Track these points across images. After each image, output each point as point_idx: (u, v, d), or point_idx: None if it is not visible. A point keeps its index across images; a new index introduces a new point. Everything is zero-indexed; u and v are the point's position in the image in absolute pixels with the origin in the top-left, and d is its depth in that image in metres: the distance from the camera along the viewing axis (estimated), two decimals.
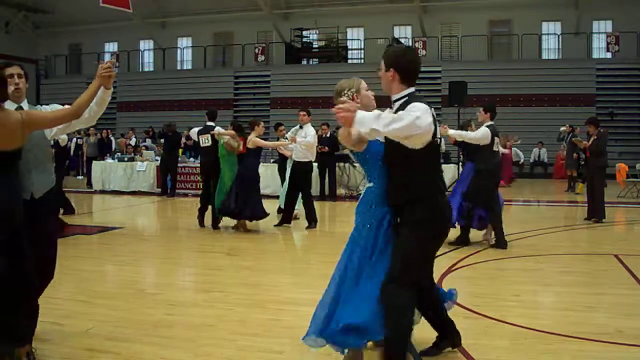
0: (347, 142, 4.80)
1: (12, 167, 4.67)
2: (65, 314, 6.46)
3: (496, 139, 10.34)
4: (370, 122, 4.21)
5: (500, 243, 10.15)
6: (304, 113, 13.17)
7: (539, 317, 6.32)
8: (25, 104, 5.35)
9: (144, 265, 9.71)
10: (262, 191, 12.88)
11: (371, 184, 4.93)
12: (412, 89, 4.84)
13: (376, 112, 4.41)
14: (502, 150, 11.49)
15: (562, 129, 22.85)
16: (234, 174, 12.49)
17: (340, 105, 4.25)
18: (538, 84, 29.91)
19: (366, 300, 4.62)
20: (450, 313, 6.28)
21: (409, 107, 4.45)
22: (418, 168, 4.65)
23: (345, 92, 5.22)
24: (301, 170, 12.90)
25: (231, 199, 11.97)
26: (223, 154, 12.77)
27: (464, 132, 10.51)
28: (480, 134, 10.29)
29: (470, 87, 21.04)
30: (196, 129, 13.85)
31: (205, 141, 13.34)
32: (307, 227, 12.71)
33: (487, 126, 10.33)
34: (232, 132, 12.81)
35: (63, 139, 13.67)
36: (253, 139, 12.13)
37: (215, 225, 12.72)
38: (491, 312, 6.30)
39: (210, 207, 12.95)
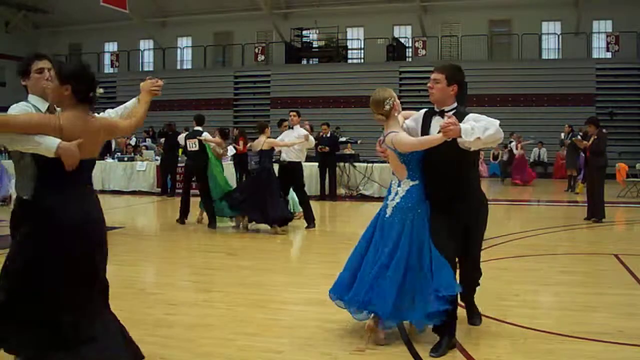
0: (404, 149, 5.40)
1: (90, 178, 4.49)
2: None
3: None
4: (475, 133, 4.94)
5: None
6: (295, 114, 13.17)
7: (539, 317, 6.31)
8: None
9: (144, 265, 9.70)
10: None
11: (416, 182, 5.49)
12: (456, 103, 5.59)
13: (468, 124, 5.03)
14: (515, 151, 11.59)
15: (562, 136, 22.96)
16: (224, 176, 13.04)
17: (448, 121, 4.92)
18: (538, 83, 29.92)
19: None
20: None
21: (475, 116, 5.23)
22: (472, 167, 5.62)
23: (387, 101, 5.55)
24: (294, 171, 12.89)
25: (237, 192, 12.24)
26: (212, 158, 13.00)
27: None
28: None
29: (470, 87, 21.05)
30: (183, 135, 14.14)
31: (193, 145, 13.39)
32: (307, 227, 12.72)
33: None
34: (219, 140, 12.96)
35: None
36: (268, 140, 12.24)
37: (212, 225, 12.80)
38: (491, 311, 6.29)
39: (201, 208, 13.22)
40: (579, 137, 16.52)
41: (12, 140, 4.07)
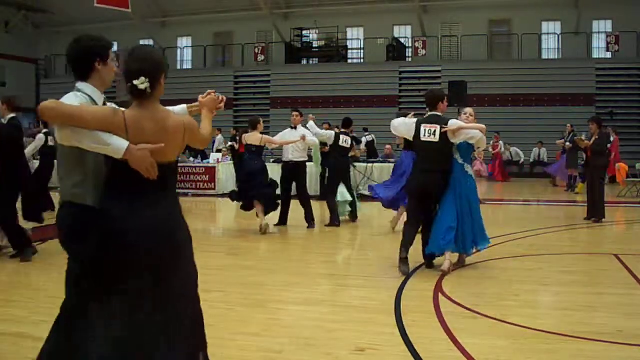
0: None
1: (166, 184, 3.92)
2: None
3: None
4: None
5: None
6: (297, 114, 13.13)
7: (539, 317, 6.32)
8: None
9: None
10: None
11: (464, 163, 8.94)
12: None
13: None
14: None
15: (559, 141, 22.95)
16: None
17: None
18: (538, 83, 29.90)
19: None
20: (450, 313, 6.31)
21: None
22: None
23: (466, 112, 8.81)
24: (299, 170, 12.89)
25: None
26: None
27: None
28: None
29: (470, 87, 21.04)
30: None
31: None
32: (308, 227, 12.71)
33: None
34: None
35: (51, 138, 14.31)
36: (265, 137, 12.23)
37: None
38: (491, 311, 6.29)
39: None
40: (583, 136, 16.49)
41: (76, 135, 3.61)
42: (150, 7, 36.05)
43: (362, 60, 35.48)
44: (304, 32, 35.93)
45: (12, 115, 9.65)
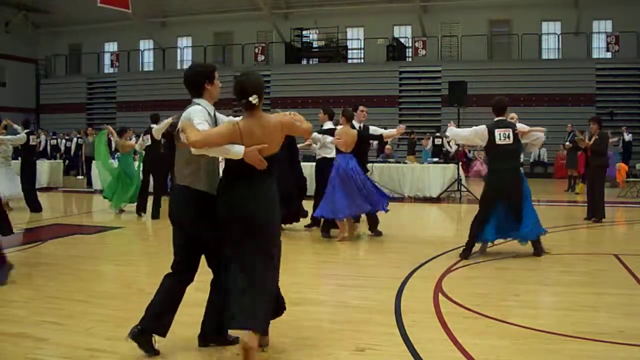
0: None
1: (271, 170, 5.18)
2: (65, 313, 6.46)
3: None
4: None
5: None
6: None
7: (539, 317, 6.32)
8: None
9: (144, 265, 9.70)
10: None
11: None
12: None
13: None
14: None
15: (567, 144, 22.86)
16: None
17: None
18: (538, 83, 29.94)
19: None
20: (450, 313, 6.30)
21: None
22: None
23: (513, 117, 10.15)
24: (330, 166, 12.80)
25: None
26: None
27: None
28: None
29: (470, 87, 21.02)
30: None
31: (147, 141, 15.12)
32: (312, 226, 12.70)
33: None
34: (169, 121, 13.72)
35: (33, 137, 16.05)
36: None
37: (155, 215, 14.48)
38: (491, 311, 6.29)
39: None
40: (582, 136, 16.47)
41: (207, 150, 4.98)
42: (151, 7, 36.04)
43: (362, 60, 35.50)
44: (304, 32, 35.98)
45: None
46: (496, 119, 9.54)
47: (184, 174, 5.32)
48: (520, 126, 9.88)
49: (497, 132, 9.41)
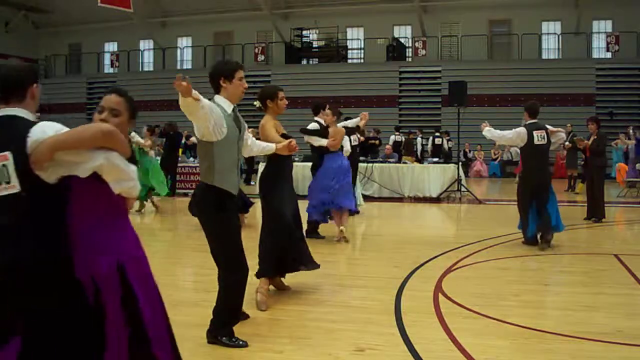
0: None
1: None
2: None
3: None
4: None
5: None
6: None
7: (539, 317, 6.33)
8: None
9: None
10: None
11: None
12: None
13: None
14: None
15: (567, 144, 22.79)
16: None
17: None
18: (538, 83, 29.86)
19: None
20: (450, 313, 6.31)
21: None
22: None
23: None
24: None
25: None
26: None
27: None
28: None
29: (470, 86, 20.99)
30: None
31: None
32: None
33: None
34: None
35: None
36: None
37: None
38: (491, 311, 6.29)
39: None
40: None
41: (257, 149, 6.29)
42: (151, 7, 36.05)
43: (362, 60, 35.49)
44: (304, 32, 35.97)
45: None
46: (531, 121, 10.56)
47: (201, 170, 5.59)
48: (550, 128, 10.73)
49: (535, 133, 10.40)
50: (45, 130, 3.21)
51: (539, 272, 8.69)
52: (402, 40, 34.95)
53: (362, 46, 35.80)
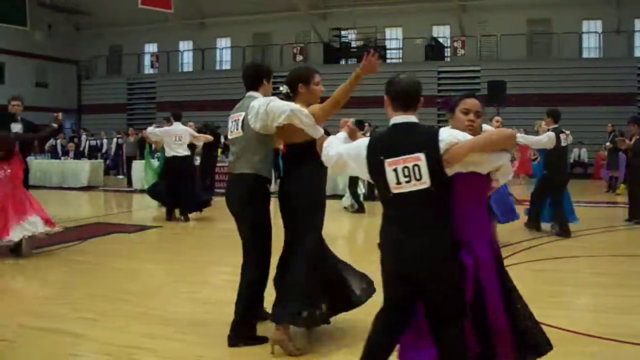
0: None
1: None
2: (102, 310, 6.57)
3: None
4: None
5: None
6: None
7: (575, 319, 6.28)
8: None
9: (181, 264, 9.78)
10: None
11: None
12: None
13: None
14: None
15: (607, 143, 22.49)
16: None
17: None
18: (578, 83, 29.53)
19: None
20: None
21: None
22: None
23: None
24: None
25: None
26: None
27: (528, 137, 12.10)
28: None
29: (509, 86, 20.89)
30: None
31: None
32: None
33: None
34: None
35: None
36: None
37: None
38: None
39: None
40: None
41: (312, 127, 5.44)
42: (190, 8, 36.33)
43: (401, 60, 35.38)
44: (342, 32, 35.97)
45: None
46: (555, 125, 11.72)
47: (253, 161, 5.58)
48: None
49: (561, 136, 11.61)
50: (455, 135, 3.89)
51: (577, 273, 8.62)
52: (440, 40, 34.80)
53: (401, 46, 35.69)
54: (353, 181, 15.83)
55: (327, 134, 5.85)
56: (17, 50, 37.40)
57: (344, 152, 4.31)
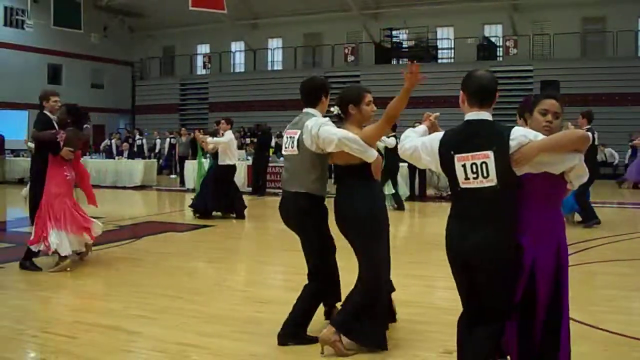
0: None
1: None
2: (156, 308, 6.67)
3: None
4: None
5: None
6: None
7: (632, 324, 6.17)
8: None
9: (234, 263, 9.88)
10: None
11: None
12: None
13: None
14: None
15: None
16: None
17: None
18: (634, 82, 28.94)
19: None
20: None
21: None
22: None
23: None
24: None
25: None
26: None
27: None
28: None
29: (562, 86, 20.58)
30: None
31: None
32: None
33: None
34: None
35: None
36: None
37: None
38: (582, 317, 6.15)
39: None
40: None
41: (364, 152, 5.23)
42: (241, 9, 36.55)
43: (452, 60, 35.13)
44: (394, 32, 35.82)
45: None
46: (588, 126, 12.03)
47: (307, 180, 5.58)
48: None
49: (594, 136, 11.52)
50: (525, 134, 3.90)
51: (632, 277, 8.46)
52: (492, 39, 34.47)
53: (453, 46, 35.46)
54: (393, 181, 16.11)
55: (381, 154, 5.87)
56: (74, 52, 38.05)
57: (419, 145, 4.36)
